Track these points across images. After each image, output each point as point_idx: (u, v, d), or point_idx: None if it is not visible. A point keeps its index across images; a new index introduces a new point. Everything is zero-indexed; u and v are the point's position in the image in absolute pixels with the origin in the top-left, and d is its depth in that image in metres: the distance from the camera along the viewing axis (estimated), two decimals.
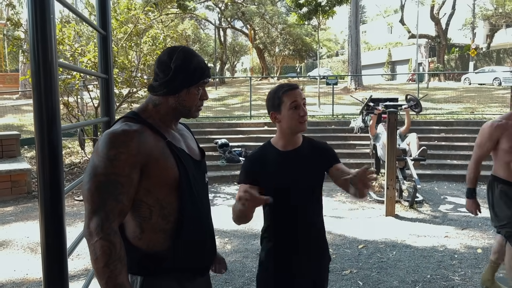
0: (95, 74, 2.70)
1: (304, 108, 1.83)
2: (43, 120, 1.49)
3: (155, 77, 1.43)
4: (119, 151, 1.26)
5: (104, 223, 1.23)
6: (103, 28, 2.29)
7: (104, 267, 1.21)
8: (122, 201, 1.27)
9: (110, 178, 1.25)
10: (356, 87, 18.92)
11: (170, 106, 1.43)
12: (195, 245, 1.45)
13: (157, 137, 1.36)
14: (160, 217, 1.36)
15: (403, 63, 37.54)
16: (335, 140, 9.24)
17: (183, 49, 1.43)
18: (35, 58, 1.48)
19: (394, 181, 5.45)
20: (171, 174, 1.35)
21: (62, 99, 7.28)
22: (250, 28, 29.49)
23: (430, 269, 3.79)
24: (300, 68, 44.12)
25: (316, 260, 1.92)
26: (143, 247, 1.35)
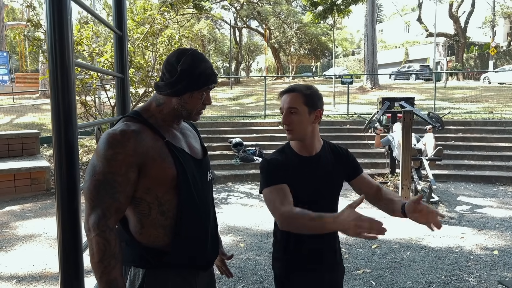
0: (111, 73, 2.76)
1: (290, 117, 1.67)
2: (60, 118, 1.52)
3: (162, 76, 1.47)
4: (115, 151, 1.31)
5: (101, 220, 1.28)
6: (119, 28, 2.32)
7: (99, 263, 1.27)
8: (118, 199, 1.31)
9: (107, 177, 1.30)
10: (372, 87, 18.75)
11: (172, 107, 1.45)
12: (194, 241, 1.48)
13: (155, 137, 1.39)
14: (159, 213, 1.40)
15: (420, 62, 36.99)
16: (350, 139, 9.19)
17: (192, 52, 1.45)
18: (53, 57, 1.51)
19: (409, 181, 5.39)
20: (169, 173, 1.38)
21: (80, 98, 7.43)
22: (266, 27, 29.50)
23: (444, 270, 3.75)
24: (316, 67, 43.93)
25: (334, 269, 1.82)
26: (144, 241, 1.41)
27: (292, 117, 1.67)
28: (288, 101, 1.68)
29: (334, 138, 9.18)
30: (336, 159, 1.79)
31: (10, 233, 4.78)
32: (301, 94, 1.68)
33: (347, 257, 4.05)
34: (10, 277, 3.65)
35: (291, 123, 1.67)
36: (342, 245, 4.35)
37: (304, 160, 1.73)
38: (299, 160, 1.72)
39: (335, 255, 1.81)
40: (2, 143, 7.09)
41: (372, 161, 8.22)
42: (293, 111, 1.66)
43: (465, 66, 30.71)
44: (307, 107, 1.68)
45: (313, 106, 1.69)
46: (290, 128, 1.68)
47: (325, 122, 10.09)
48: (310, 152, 1.74)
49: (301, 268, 1.75)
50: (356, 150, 8.72)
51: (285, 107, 1.69)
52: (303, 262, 1.74)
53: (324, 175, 1.73)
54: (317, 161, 1.74)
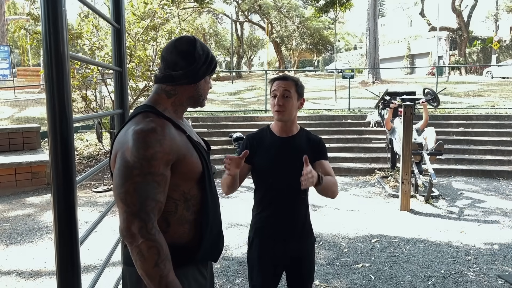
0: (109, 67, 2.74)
1: (283, 100, 1.91)
2: (55, 111, 1.51)
3: (172, 66, 1.41)
4: (155, 150, 1.24)
5: (147, 224, 1.22)
6: (117, 21, 2.31)
7: (155, 267, 1.21)
8: (160, 199, 1.26)
9: (147, 178, 1.23)
10: (374, 81, 18.68)
11: (187, 96, 1.44)
12: (216, 233, 1.51)
13: (179, 131, 1.36)
14: (185, 209, 1.38)
15: (423, 56, 36.83)
16: (350, 134, 9.17)
17: (198, 39, 1.47)
18: (47, 50, 1.50)
19: (409, 176, 5.38)
20: (197, 168, 1.38)
21: (81, 92, 7.42)
22: (267, 21, 29.35)
23: (444, 264, 3.75)
24: (318, 62, 43.76)
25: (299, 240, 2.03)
26: (169, 240, 1.34)
27: (286, 100, 1.92)
28: (284, 86, 1.93)
29: (334, 133, 9.17)
30: (308, 144, 2.02)
31: (11, 227, 4.80)
32: (293, 82, 1.97)
33: (346, 251, 4.06)
34: (10, 271, 3.66)
35: (284, 105, 1.92)
36: (342, 239, 4.39)
37: (278, 139, 2.00)
38: (273, 139, 2.01)
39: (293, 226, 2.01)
40: (3, 137, 7.10)
41: (373, 155, 8.20)
42: (287, 94, 1.92)
43: (468, 60, 30.54)
44: (297, 94, 1.97)
45: (300, 94, 2.00)
46: (283, 110, 1.92)
47: (326, 117, 10.06)
48: (287, 134, 2.01)
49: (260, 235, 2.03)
50: (357, 145, 8.71)
51: (280, 91, 1.93)
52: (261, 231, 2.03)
53: (294, 155, 1.94)
54: (290, 142, 2.00)
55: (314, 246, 2.12)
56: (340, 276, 3.53)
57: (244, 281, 3.43)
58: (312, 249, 2.10)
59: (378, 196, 6.21)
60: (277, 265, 2.06)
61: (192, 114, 10.59)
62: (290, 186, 1.95)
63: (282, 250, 2.01)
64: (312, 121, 9.69)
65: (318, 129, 9.25)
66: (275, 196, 1.99)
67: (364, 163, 8.00)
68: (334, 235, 4.50)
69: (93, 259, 3.86)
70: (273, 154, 1.98)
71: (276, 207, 1.99)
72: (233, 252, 4.01)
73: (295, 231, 2.01)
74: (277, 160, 1.97)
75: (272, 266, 2.04)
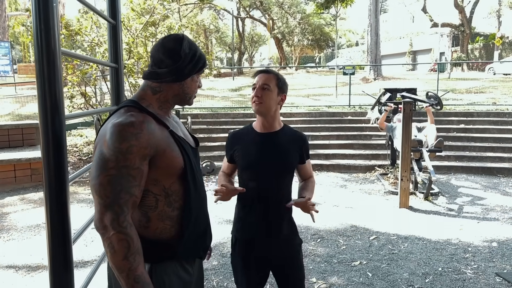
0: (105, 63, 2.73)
1: (262, 91, 1.89)
2: (47, 108, 1.50)
3: (158, 63, 1.42)
4: (130, 143, 1.25)
5: (119, 216, 1.23)
6: (113, 17, 2.29)
7: (124, 260, 1.22)
8: (134, 193, 1.27)
9: (122, 171, 1.24)
10: (375, 77, 18.62)
11: (173, 93, 1.44)
12: (198, 229, 1.50)
13: (160, 126, 1.37)
14: (166, 205, 1.37)
15: (425, 52, 36.65)
16: (350, 130, 9.15)
17: (186, 37, 1.46)
18: (38, 46, 1.49)
19: (408, 173, 5.36)
20: (177, 163, 1.37)
21: (80, 89, 7.43)
22: (268, 17, 29.27)
23: (442, 262, 3.74)
24: (320, 58, 43.64)
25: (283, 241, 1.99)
26: (149, 235, 1.36)
27: (264, 92, 1.90)
28: (264, 79, 1.92)
29: (334, 130, 9.15)
30: (292, 141, 1.99)
31: (9, 223, 4.80)
32: (275, 76, 1.94)
33: (344, 248, 4.05)
34: (8, 267, 3.67)
35: (262, 97, 1.89)
36: (340, 236, 4.38)
37: (259, 135, 1.97)
38: (254, 135, 1.98)
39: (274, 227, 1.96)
40: (2, 133, 7.09)
41: (373, 152, 8.18)
42: (266, 87, 1.90)
43: (470, 57, 30.39)
44: (277, 88, 1.93)
45: (282, 89, 1.95)
46: (260, 101, 1.89)
47: (326, 113, 10.04)
48: (268, 130, 1.97)
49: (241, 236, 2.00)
50: (357, 142, 8.69)
51: (259, 83, 1.91)
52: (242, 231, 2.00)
53: (275, 152, 1.93)
54: (272, 138, 1.96)
55: (300, 247, 2.05)
56: (338, 273, 3.52)
57: None
58: (298, 251, 2.03)
59: (377, 193, 6.19)
60: (261, 267, 2.00)
61: (192, 110, 10.57)
62: (271, 184, 1.92)
63: (264, 252, 1.96)
64: (312, 118, 9.66)
65: (318, 125, 9.24)
66: (256, 195, 1.92)
67: (364, 160, 7.98)
68: (332, 232, 4.49)
69: (91, 255, 3.86)
70: (253, 151, 1.94)
71: (257, 207, 1.92)
72: (229, 249, 3.99)
73: (277, 232, 1.95)
74: (257, 157, 1.93)
75: (256, 268, 1.97)
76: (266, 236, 1.94)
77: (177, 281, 1.42)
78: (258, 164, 1.92)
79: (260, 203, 1.93)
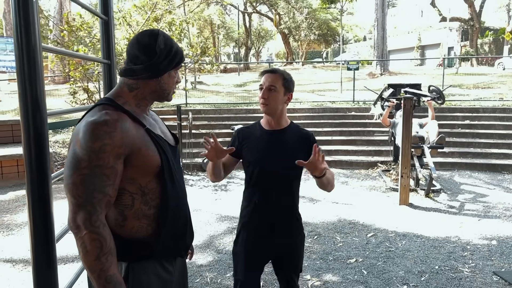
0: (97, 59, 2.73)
1: (268, 93, 1.92)
2: (28, 105, 1.49)
3: (134, 60, 1.40)
4: (103, 142, 1.23)
5: (92, 216, 1.22)
6: (105, 13, 2.28)
7: (96, 260, 1.21)
8: (108, 192, 1.26)
9: (95, 171, 1.23)
10: (382, 72, 18.46)
11: (150, 90, 1.42)
12: (178, 228, 1.48)
13: (136, 125, 1.35)
14: (143, 203, 1.36)
15: (433, 47, 36.24)
16: (354, 126, 9.08)
17: (162, 33, 1.44)
18: (18, 42, 1.47)
19: (408, 169, 5.31)
20: (154, 162, 1.36)
21: (83, 84, 7.46)
22: (275, 12, 29.13)
23: (439, 260, 3.70)
24: (327, 53, 43.36)
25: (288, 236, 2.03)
26: (126, 234, 1.36)
27: (271, 94, 1.92)
28: (270, 80, 1.93)
29: (338, 125, 9.09)
30: (298, 138, 2.00)
31: (10, 218, 4.85)
32: (281, 76, 1.96)
33: (341, 245, 4.02)
34: (5, 261, 3.71)
35: (269, 98, 1.92)
36: (337, 233, 4.35)
37: (266, 133, 2.00)
38: (262, 133, 2.01)
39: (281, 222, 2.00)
40: (5, 129, 7.16)
41: (376, 148, 8.11)
42: (272, 88, 1.92)
43: (480, 51, 29.98)
44: (284, 88, 1.95)
45: (288, 89, 1.97)
46: (267, 103, 1.93)
47: (329, 109, 9.97)
48: (274, 128, 2.00)
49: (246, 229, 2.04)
50: (360, 138, 8.62)
51: (266, 85, 1.93)
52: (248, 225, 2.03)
53: (282, 149, 1.96)
54: (279, 135, 1.99)
55: (303, 242, 2.12)
56: (332, 271, 3.50)
57: None
58: (301, 246, 2.10)
59: (378, 190, 6.14)
60: (263, 260, 2.07)
61: (195, 106, 10.58)
62: (278, 180, 1.96)
63: (268, 246, 2.01)
64: (315, 113, 9.60)
65: (321, 121, 9.18)
66: (263, 190, 1.98)
67: (366, 156, 7.92)
68: (330, 229, 4.46)
69: None
70: (260, 148, 1.98)
71: (264, 202, 1.97)
72: (226, 245, 4.01)
73: (283, 227, 2.00)
74: (264, 154, 1.96)
75: (257, 261, 2.04)
76: (270, 231, 1.99)
77: (156, 280, 1.41)
78: (266, 161, 1.96)
79: (266, 199, 1.97)
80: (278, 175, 1.96)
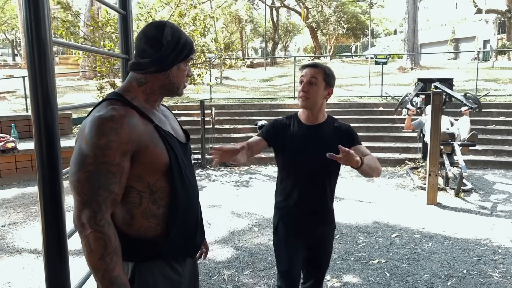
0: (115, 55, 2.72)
1: (309, 86, 1.91)
2: (38, 101, 1.48)
3: (141, 53, 1.36)
4: (109, 139, 1.20)
5: (97, 214, 1.19)
6: (123, 7, 2.27)
7: (100, 260, 1.19)
8: (114, 190, 1.23)
9: (100, 168, 1.20)
10: (413, 67, 17.91)
11: (159, 84, 1.38)
12: (187, 228, 1.44)
13: (144, 121, 1.31)
14: (151, 202, 1.32)
15: (468, 40, 34.90)
16: (381, 122, 8.83)
17: (170, 24, 1.39)
18: (29, 37, 1.47)
19: (437, 168, 5.09)
20: (162, 160, 1.31)
21: (109, 79, 7.57)
22: (303, 6, 28.76)
23: (468, 264, 3.52)
24: (356, 47, 42.53)
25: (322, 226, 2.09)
26: (133, 233, 1.32)
27: (311, 87, 1.91)
28: (312, 73, 1.92)
29: (365, 121, 8.87)
30: (336, 132, 2.00)
31: (38, 209, 4.98)
32: (323, 70, 1.95)
33: (363, 246, 3.90)
34: (30, 252, 3.80)
35: (309, 92, 1.91)
36: (360, 233, 4.23)
37: (305, 127, 1.99)
38: (299, 127, 2.00)
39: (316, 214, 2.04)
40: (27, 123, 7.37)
41: (404, 145, 7.86)
42: (313, 81, 1.91)
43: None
44: (324, 82, 1.94)
45: (329, 83, 1.96)
46: (307, 96, 1.92)
47: (356, 104, 9.74)
48: (312, 122, 2.00)
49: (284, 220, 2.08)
50: (388, 134, 8.38)
51: (307, 78, 1.92)
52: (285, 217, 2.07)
53: (319, 143, 1.94)
54: (317, 130, 1.98)
55: (334, 232, 2.18)
56: (354, 271, 3.39)
57: (253, 273, 3.37)
58: (332, 235, 2.17)
59: (405, 188, 5.94)
60: (301, 249, 2.07)
61: (220, 101, 10.58)
62: (315, 173, 1.98)
63: (305, 235, 2.06)
64: (342, 109, 9.39)
65: (347, 117, 8.97)
66: (300, 183, 2.00)
67: (394, 153, 7.69)
68: (353, 229, 4.34)
69: None
70: (298, 141, 1.98)
71: (300, 195, 1.99)
72: (245, 242, 3.96)
73: (317, 219, 2.05)
74: (302, 148, 1.96)
75: (297, 250, 2.06)
76: (307, 221, 2.03)
77: (163, 280, 1.37)
78: (302, 155, 1.96)
79: (302, 193, 1.99)
80: (316, 168, 1.97)
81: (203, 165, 7.32)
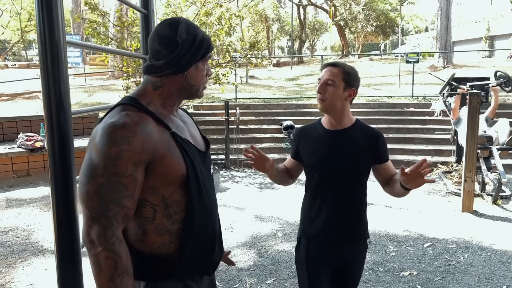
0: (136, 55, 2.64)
1: (325, 87, 1.77)
2: (51, 103, 1.47)
3: (155, 55, 1.25)
4: (121, 148, 1.10)
5: (107, 231, 1.10)
6: (145, 7, 2.22)
7: (109, 282, 1.09)
8: (125, 205, 1.12)
9: (111, 180, 1.10)
10: (445, 65, 17.27)
11: (176, 87, 1.27)
12: (205, 245, 1.32)
13: (160, 128, 1.19)
14: (165, 217, 1.21)
15: (504, 37, 33.43)
16: (412, 123, 8.50)
17: (185, 20, 1.27)
18: (42, 38, 1.43)
19: (473, 173, 4.80)
20: (178, 170, 1.20)
21: (136, 80, 7.60)
22: (331, 4, 28.35)
23: (508, 279, 3.26)
24: (385, 45, 41.59)
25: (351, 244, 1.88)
26: (145, 250, 1.22)
27: (328, 88, 1.77)
28: (329, 74, 1.78)
29: (394, 122, 8.56)
30: (365, 139, 1.82)
31: None
32: (342, 70, 1.78)
33: (393, 255, 3.69)
34: (54, 253, 3.79)
35: (326, 93, 1.77)
36: (390, 241, 4.01)
37: (327, 132, 1.84)
38: (322, 132, 1.85)
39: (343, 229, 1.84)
40: (76, 121, 7.48)
41: (436, 147, 7.52)
42: (330, 82, 1.76)
43: None
44: (344, 82, 1.77)
45: (349, 83, 1.78)
46: (323, 98, 1.78)
47: (386, 105, 9.42)
48: (335, 127, 1.83)
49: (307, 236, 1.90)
50: (419, 135, 8.06)
51: (324, 78, 1.78)
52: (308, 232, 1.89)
53: (345, 150, 1.79)
54: (341, 135, 1.82)
55: (366, 251, 1.95)
56: (383, 284, 3.19)
57: (276, 282, 3.23)
58: (363, 255, 1.94)
59: (438, 194, 5.65)
60: (327, 270, 1.89)
61: (245, 101, 10.47)
62: (342, 184, 1.81)
63: (331, 253, 1.85)
64: (370, 109, 9.10)
65: (376, 117, 8.69)
66: (325, 194, 1.83)
67: (425, 155, 7.36)
68: (382, 237, 4.13)
69: None
70: (320, 149, 1.83)
71: (326, 207, 1.82)
72: (268, 249, 3.82)
73: (345, 234, 1.84)
74: (325, 156, 1.81)
75: (319, 270, 1.87)
76: (333, 238, 1.84)
77: None
78: (326, 163, 1.81)
79: (328, 203, 1.83)
80: (340, 178, 1.81)
81: (227, 166, 7.23)
